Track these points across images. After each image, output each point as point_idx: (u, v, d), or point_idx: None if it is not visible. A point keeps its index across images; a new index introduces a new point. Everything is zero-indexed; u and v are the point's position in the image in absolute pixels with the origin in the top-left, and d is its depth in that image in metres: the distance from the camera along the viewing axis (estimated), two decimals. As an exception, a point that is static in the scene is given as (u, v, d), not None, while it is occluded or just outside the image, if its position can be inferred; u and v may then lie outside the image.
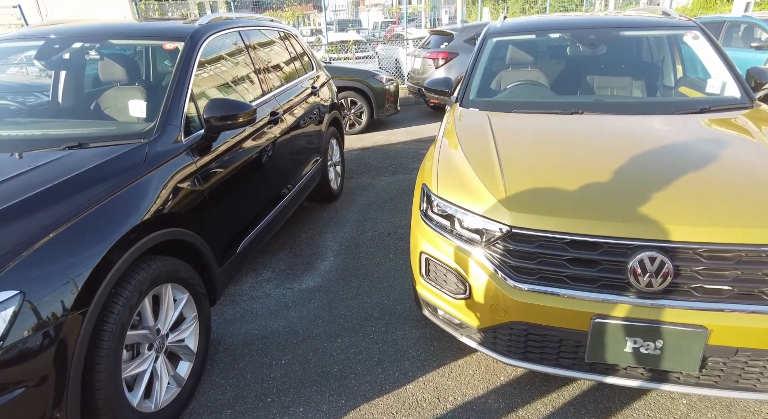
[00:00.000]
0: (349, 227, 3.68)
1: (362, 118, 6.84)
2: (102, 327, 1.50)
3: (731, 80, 2.47)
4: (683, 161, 1.84)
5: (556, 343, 1.64)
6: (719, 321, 1.46)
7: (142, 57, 2.60)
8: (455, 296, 1.82)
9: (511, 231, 1.65)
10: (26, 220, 1.42)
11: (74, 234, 1.47)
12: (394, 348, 2.28)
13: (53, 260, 1.39)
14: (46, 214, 1.46)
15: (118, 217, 1.62)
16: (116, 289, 1.55)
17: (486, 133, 2.20)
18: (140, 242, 1.67)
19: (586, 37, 2.90)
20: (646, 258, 1.50)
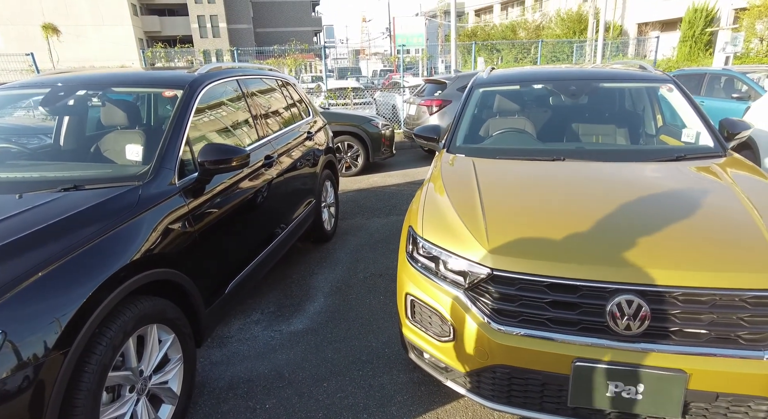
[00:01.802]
0: (341, 268, 3.70)
1: (358, 160, 7.00)
2: (83, 368, 1.49)
3: (705, 130, 2.58)
4: (660, 207, 1.91)
5: (539, 387, 1.64)
6: (698, 365, 1.47)
7: (143, 103, 2.72)
8: (440, 339, 1.83)
9: (493, 273, 1.68)
10: (15, 260, 1.46)
11: (62, 274, 1.50)
12: (381, 392, 2.24)
13: (39, 299, 1.42)
14: (36, 254, 1.50)
15: (107, 257, 1.65)
16: (100, 329, 1.56)
17: (470, 178, 2.28)
18: (128, 282, 1.69)
19: (567, 88, 3.06)
20: (624, 302, 1.53)
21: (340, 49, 46.93)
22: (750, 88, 7.85)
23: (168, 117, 2.35)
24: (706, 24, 20.19)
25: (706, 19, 20.19)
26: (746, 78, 8.09)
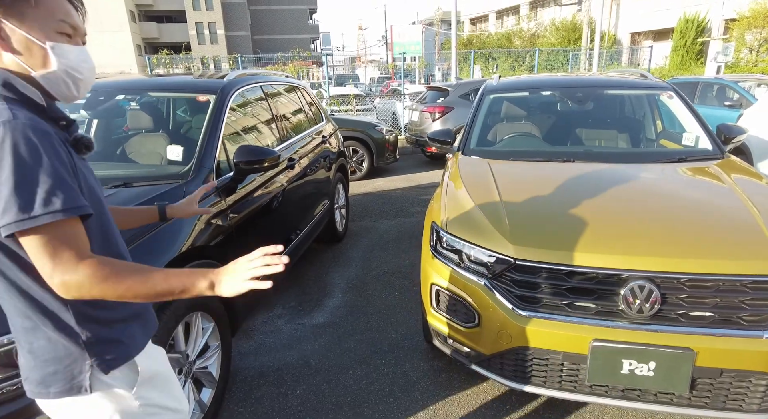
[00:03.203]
0: (355, 266, 3.84)
1: (363, 165, 7.17)
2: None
3: (703, 135, 2.77)
4: (666, 202, 2.08)
5: (558, 366, 1.79)
6: (704, 343, 1.62)
7: (179, 107, 2.87)
8: (465, 325, 1.98)
9: (515, 263, 1.84)
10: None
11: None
12: (404, 379, 2.38)
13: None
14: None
15: (161, 248, 1.80)
16: (157, 314, 1.69)
17: (488, 177, 2.44)
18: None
19: (573, 95, 3.24)
20: (636, 287, 1.69)
21: (337, 57, 47.34)
22: (741, 96, 8.12)
23: (203, 120, 2.50)
24: (698, 34, 20.64)
25: (697, 30, 20.65)
26: (738, 86, 8.37)
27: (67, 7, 0.91)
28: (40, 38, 0.86)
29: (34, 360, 0.92)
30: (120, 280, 0.84)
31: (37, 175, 0.79)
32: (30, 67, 0.88)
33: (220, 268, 0.94)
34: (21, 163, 0.78)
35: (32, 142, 0.80)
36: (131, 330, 1.02)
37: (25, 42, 0.86)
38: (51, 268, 0.80)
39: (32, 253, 0.81)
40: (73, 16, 0.92)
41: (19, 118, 0.80)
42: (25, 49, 0.86)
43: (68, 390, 0.93)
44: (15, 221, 0.77)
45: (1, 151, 0.77)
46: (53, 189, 0.80)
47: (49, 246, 0.80)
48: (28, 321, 0.91)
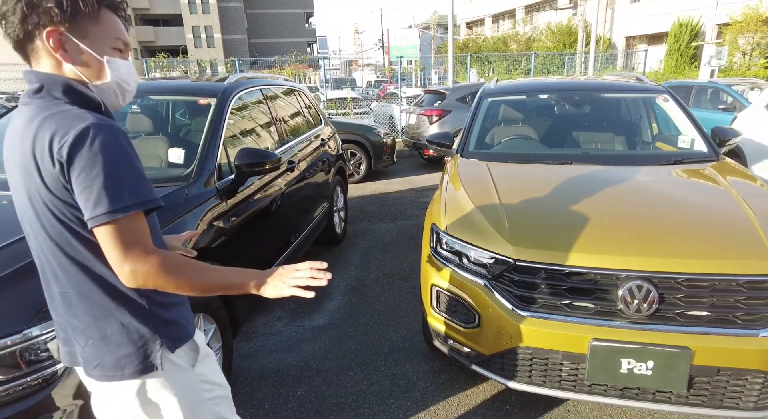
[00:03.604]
0: (354, 269, 3.86)
1: (361, 168, 7.19)
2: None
3: (699, 137, 2.81)
4: (663, 204, 2.11)
5: (558, 366, 1.81)
6: (701, 343, 1.65)
7: (179, 110, 2.88)
8: (465, 325, 2.00)
9: (515, 264, 1.86)
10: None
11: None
12: (405, 380, 2.40)
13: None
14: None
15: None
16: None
17: (487, 179, 2.47)
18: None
19: (571, 98, 3.28)
20: (634, 287, 1.71)
21: (333, 60, 47.59)
22: (735, 99, 8.21)
23: (204, 123, 2.52)
24: (691, 38, 20.85)
25: (691, 34, 20.86)
26: (731, 90, 8.46)
27: (120, 26, 1.00)
28: (98, 53, 0.95)
29: (107, 346, 0.98)
30: (181, 273, 0.92)
31: (124, 170, 0.87)
32: (87, 78, 0.96)
33: (267, 270, 1.03)
34: (110, 161, 0.86)
35: (118, 141, 0.88)
36: (185, 313, 1.10)
37: (85, 55, 0.94)
38: (123, 257, 0.87)
39: (107, 243, 0.87)
40: (125, 33, 1.00)
41: (101, 120, 0.88)
42: (84, 62, 0.94)
43: (142, 369, 1.00)
44: (106, 212, 0.85)
45: (92, 150, 0.84)
46: (137, 183, 0.89)
47: (123, 236, 0.87)
48: (102, 310, 0.97)
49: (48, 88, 0.92)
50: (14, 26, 0.89)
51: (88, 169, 0.84)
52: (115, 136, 0.88)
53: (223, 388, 1.20)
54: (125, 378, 1.00)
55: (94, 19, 0.93)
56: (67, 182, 0.86)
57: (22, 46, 0.92)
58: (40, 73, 0.93)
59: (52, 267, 0.96)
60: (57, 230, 0.91)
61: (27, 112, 0.91)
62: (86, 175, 0.84)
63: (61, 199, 0.88)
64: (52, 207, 0.89)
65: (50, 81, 0.92)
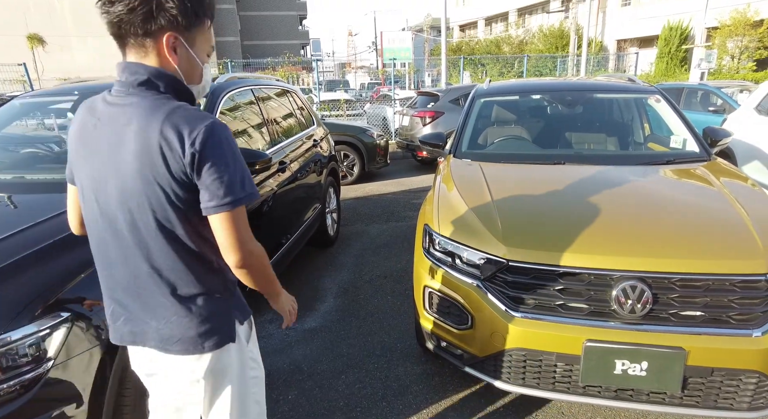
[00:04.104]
0: (347, 271, 3.82)
1: (354, 170, 7.16)
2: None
3: (690, 138, 2.81)
4: (656, 204, 2.10)
5: (552, 367, 1.79)
6: (695, 343, 1.64)
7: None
8: (458, 327, 1.97)
9: (509, 264, 1.84)
10: (78, 249, 1.56)
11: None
12: (397, 383, 2.37)
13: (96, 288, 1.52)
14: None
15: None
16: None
17: (480, 180, 2.45)
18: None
19: (563, 98, 3.28)
20: (628, 287, 1.70)
21: (327, 62, 47.65)
22: (725, 101, 8.29)
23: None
24: (681, 41, 21.08)
25: (681, 37, 21.08)
26: (721, 92, 8.54)
27: (213, 34, 1.11)
28: (201, 59, 1.06)
29: (191, 321, 1.06)
30: (267, 269, 1.11)
31: (243, 164, 1.00)
32: (187, 80, 1.05)
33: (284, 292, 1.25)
34: (234, 156, 0.97)
35: (231, 137, 0.99)
36: (239, 292, 1.19)
37: (190, 60, 1.03)
38: (242, 239, 1.00)
39: (227, 227, 0.98)
40: (213, 40, 1.11)
41: (217, 119, 0.98)
42: (187, 65, 1.03)
43: (220, 342, 1.09)
44: (235, 200, 0.97)
45: (218, 145, 0.95)
46: (248, 175, 1.01)
47: (243, 222, 1.00)
48: (191, 287, 1.06)
49: (155, 81, 0.98)
50: (135, 20, 0.93)
51: (218, 162, 0.94)
52: (230, 133, 0.99)
53: (262, 369, 1.28)
54: (205, 352, 1.08)
55: (202, 29, 1.03)
56: (192, 172, 0.94)
57: (125, 36, 0.97)
58: (150, 66, 0.98)
59: (147, 246, 1.01)
60: (166, 213, 0.98)
61: (136, 104, 0.97)
62: (217, 167, 0.94)
63: (181, 184, 0.96)
64: (169, 191, 0.96)
65: (158, 75, 0.98)
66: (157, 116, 0.94)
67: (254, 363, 1.23)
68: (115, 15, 0.93)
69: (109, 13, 0.94)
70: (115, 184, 0.99)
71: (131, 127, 0.95)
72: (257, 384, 1.25)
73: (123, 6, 0.92)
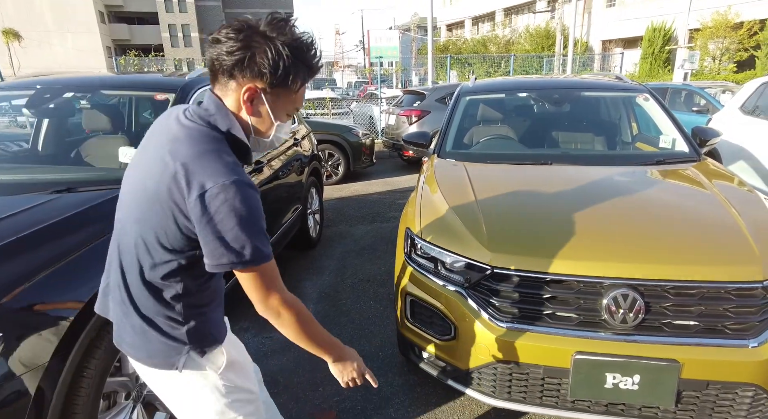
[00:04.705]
0: (328, 274, 3.69)
1: (339, 169, 7.02)
2: (82, 373, 1.45)
3: (680, 137, 2.74)
4: (647, 206, 2.01)
5: (540, 381, 1.68)
6: (689, 355, 1.54)
7: (134, 106, 2.67)
8: (441, 337, 1.86)
9: (493, 271, 1.73)
10: (12, 262, 1.41)
11: (60, 277, 1.46)
12: (378, 395, 2.24)
13: (37, 303, 1.37)
14: (33, 256, 1.45)
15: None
16: (99, 333, 1.52)
17: (464, 181, 2.34)
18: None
19: (550, 96, 3.19)
20: (619, 296, 1.60)
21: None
22: (708, 102, 8.34)
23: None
24: (665, 42, 21.34)
25: (664, 38, 21.35)
26: (704, 93, 8.59)
27: (303, 95, 1.10)
28: (275, 116, 1.06)
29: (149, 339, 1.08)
30: (304, 324, 1.09)
31: (259, 225, 0.99)
32: (255, 131, 1.07)
33: (347, 351, 1.24)
34: (248, 216, 0.95)
35: (254, 198, 0.98)
36: (217, 321, 1.18)
37: (264, 114, 1.05)
38: (268, 292, 1.01)
39: (249, 284, 1.01)
40: (302, 101, 1.11)
41: (243, 177, 0.97)
42: (260, 118, 1.05)
43: (169, 365, 1.10)
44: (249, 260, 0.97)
45: (227, 208, 0.93)
46: (264, 238, 1.00)
47: (256, 279, 1.00)
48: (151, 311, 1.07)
49: (215, 117, 1.01)
50: (228, 63, 0.97)
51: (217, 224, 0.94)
52: (252, 193, 0.97)
53: (251, 394, 1.25)
54: (161, 368, 1.11)
55: (288, 91, 1.04)
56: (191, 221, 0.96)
57: (216, 73, 1.01)
58: (222, 106, 1.02)
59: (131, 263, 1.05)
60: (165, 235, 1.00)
61: (187, 130, 1.00)
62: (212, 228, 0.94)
63: (182, 231, 0.98)
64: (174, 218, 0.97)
65: (221, 115, 1.01)
66: (186, 151, 0.97)
67: (236, 389, 1.20)
68: (215, 52, 0.98)
69: (213, 49, 0.98)
70: (130, 192, 1.04)
71: (166, 148, 0.98)
72: (243, 407, 1.22)
73: (226, 48, 0.96)
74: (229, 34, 0.97)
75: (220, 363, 1.15)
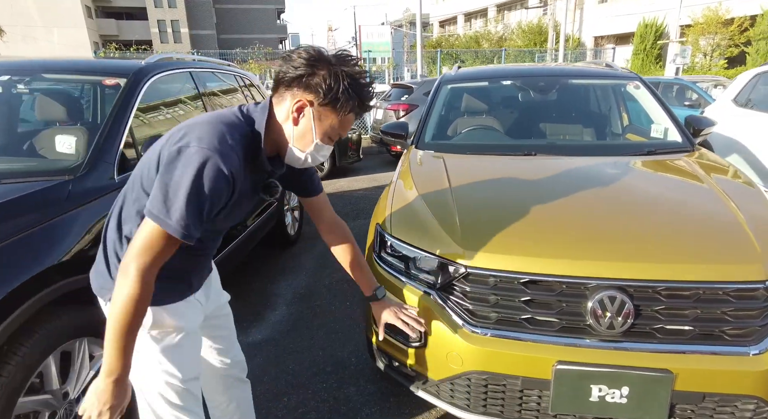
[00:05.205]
0: (305, 274, 3.50)
1: (324, 165, 6.82)
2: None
3: (672, 126, 2.58)
4: (637, 200, 1.84)
5: (518, 394, 1.51)
6: (684, 364, 1.38)
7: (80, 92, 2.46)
8: (410, 344, 1.68)
9: (467, 271, 1.55)
10: None
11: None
12: (347, 406, 2.06)
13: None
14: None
15: (23, 259, 1.41)
16: (10, 345, 1.32)
17: (441, 174, 2.16)
18: (51, 287, 1.46)
19: (536, 84, 3.01)
20: (606, 298, 1.43)
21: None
22: (700, 96, 8.23)
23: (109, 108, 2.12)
24: (656, 39, 21.30)
25: (656, 34, 21.30)
26: (696, 87, 8.49)
27: (351, 122, 1.14)
28: (317, 135, 1.11)
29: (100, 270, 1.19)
30: (133, 309, 0.98)
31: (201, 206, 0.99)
32: (293, 141, 1.12)
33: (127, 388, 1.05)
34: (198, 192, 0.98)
35: (219, 185, 0.99)
36: (167, 288, 1.14)
37: (308, 128, 1.10)
38: (136, 252, 0.98)
39: (140, 232, 1.00)
40: (348, 128, 1.16)
41: (221, 152, 0.99)
42: (302, 132, 1.11)
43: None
44: (156, 214, 0.98)
45: (186, 167, 0.97)
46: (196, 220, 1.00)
47: (148, 241, 0.99)
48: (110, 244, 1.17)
49: (256, 113, 1.11)
50: (290, 76, 1.06)
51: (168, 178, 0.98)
52: (213, 172, 0.97)
53: (174, 378, 1.19)
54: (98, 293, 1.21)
55: (337, 115, 1.09)
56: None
57: (278, 84, 1.10)
58: (268, 106, 1.11)
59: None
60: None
61: (225, 110, 1.12)
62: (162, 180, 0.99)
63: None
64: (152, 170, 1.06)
65: (260, 113, 1.11)
66: (202, 119, 1.07)
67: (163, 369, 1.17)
68: (284, 66, 1.07)
69: (282, 64, 1.08)
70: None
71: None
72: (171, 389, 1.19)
73: (294, 64, 1.06)
74: (301, 54, 1.06)
75: (145, 323, 1.10)
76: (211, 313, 1.44)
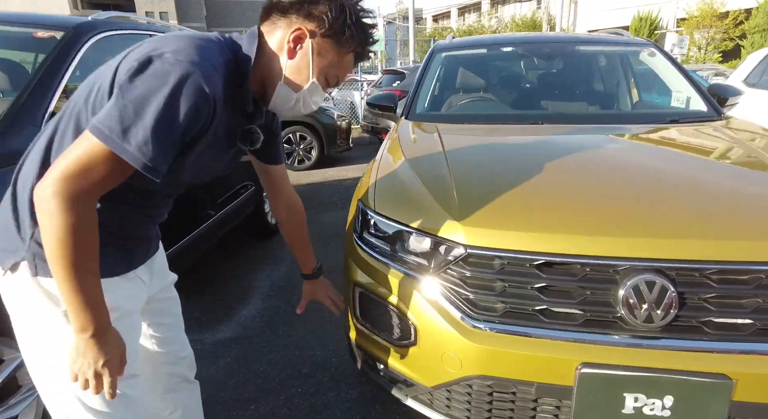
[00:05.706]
0: (286, 265, 3.19)
1: (312, 153, 6.49)
2: None
3: (696, 95, 2.28)
4: (672, 169, 1.55)
5: (531, 404, 1.21)
6: (745, 367, 1.08)
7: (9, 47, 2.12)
8: (398, 342, 1.37)
9: (467, 251, 1.24)
10: None
11: None
12: (324, 414, 1.76)
13: None
14: None
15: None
16: None
17: (434, 143, 1.85)
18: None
19: (540, 52, 2.70)
20: (642, 284, 1.13)
21: (298, 52, 46.25)
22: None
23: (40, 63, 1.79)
24: (651, 32, 21.16)
25: (651, 28, 21.15)
26: (697, 75, 8.28)
27: (349, 66, 1.01)
28: (315, 72, 0.95)
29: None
30: (72, 241, 0.76)
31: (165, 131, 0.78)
32: (286, 79, 0.95)
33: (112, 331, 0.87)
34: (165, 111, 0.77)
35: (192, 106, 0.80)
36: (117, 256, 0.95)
37: (304, 65, 0.95)
38: (64, 174, 0.75)
39: (75, 148, 0.77)
40: (346, 74, 1.03)
41: (202, 69, 0.80)
42: (297, 68, 0.95)
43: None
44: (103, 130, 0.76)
45: (158, 80, 0.77)
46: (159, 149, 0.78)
47: (88, 161, 0.76)
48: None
49: (242, 40, 0.94)
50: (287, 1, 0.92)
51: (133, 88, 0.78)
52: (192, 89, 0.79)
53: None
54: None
55: (338, 52, 0.96)
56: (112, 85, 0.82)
57: (270, 12, 0.94)
58: (256, 32, 0.95)
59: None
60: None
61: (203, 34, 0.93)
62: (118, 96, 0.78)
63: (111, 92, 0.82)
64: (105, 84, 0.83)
65: (249, 40, 0.94)
66: (181, 34, 0.88)
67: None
68: None
69: None
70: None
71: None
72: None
73: None
74: None
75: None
76: (154, 295, 1.13)
